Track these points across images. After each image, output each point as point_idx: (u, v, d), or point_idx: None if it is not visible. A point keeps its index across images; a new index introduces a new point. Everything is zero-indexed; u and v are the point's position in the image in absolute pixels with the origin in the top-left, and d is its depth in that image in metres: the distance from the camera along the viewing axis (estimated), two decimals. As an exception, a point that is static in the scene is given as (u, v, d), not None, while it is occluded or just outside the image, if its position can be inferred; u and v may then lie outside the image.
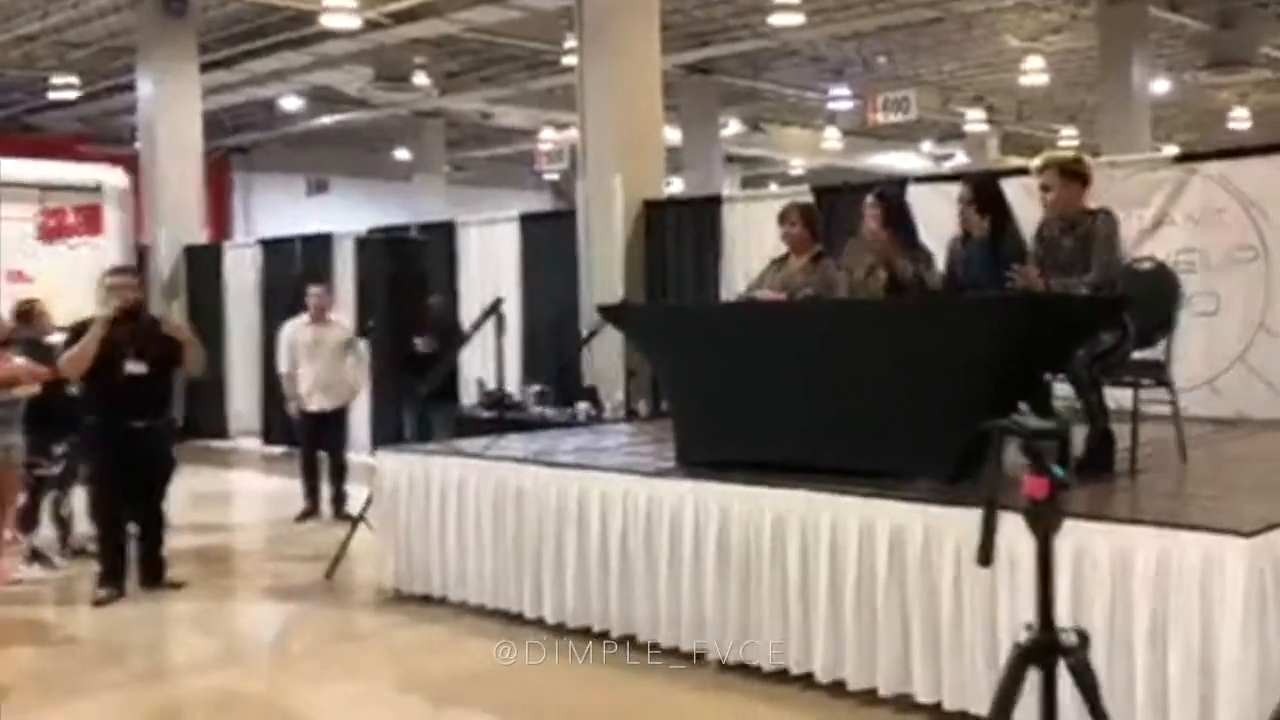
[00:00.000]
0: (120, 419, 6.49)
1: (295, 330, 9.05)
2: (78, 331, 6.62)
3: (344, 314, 9.90)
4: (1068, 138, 21.42)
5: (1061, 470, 2.63)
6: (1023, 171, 6.37)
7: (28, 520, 7.42)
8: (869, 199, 5.64)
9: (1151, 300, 5.17)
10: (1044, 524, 2.64)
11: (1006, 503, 2.73)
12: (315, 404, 8.91)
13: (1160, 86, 16.91)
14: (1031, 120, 21.35)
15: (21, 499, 7.30)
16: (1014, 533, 2.81)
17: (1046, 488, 2.60)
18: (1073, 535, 3.97)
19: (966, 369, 4.57)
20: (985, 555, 2.70)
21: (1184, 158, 7.95)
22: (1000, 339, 4.56)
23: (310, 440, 9.02)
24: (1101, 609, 3.94)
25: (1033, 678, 2.68)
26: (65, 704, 4.90)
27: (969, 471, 4.62)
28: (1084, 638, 2.67)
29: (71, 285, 10.92)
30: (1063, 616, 3.88)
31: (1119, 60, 15.71)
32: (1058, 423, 4.74)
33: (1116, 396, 5.10)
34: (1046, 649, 2.64)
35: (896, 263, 5.34)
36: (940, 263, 5.49)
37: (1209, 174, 7.46)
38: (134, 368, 6.49)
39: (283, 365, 9.07)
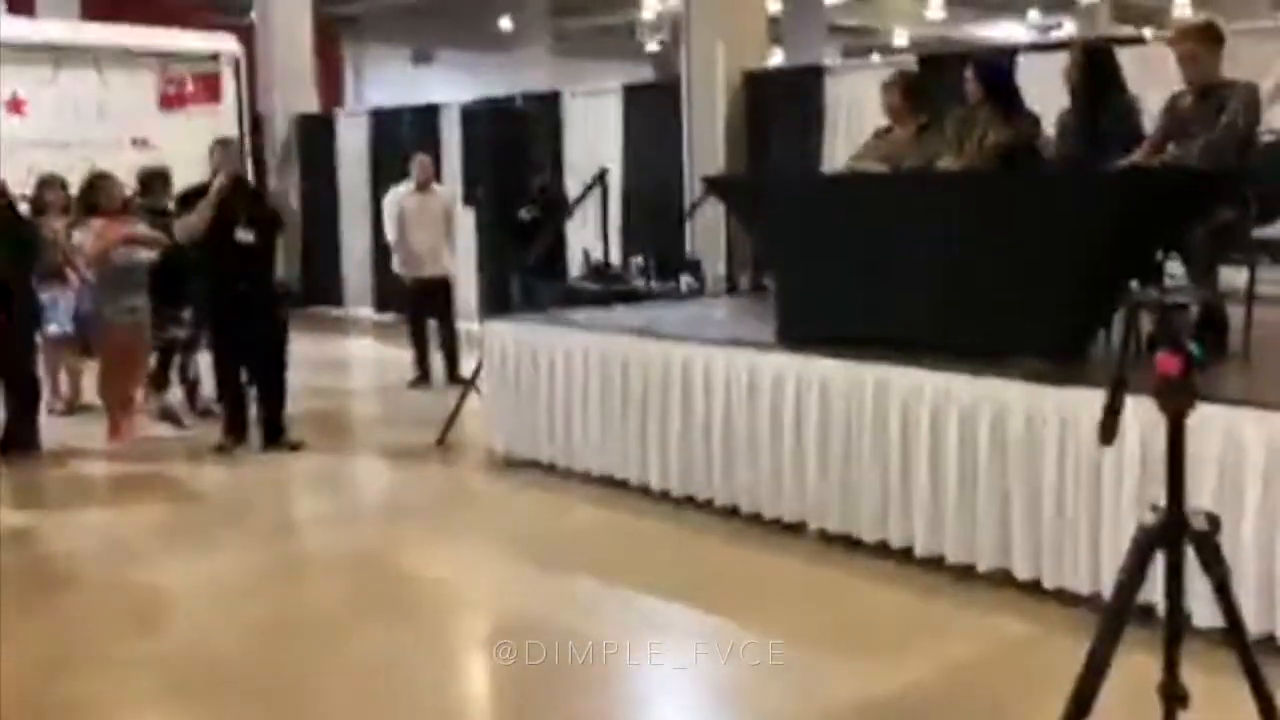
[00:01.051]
0: (231, 283, 6.77)
1: (400, 198, 9.16)
2: (185, 200, 6.90)
3: (451, 183, 10.00)
4: (1181, 6, 20.26)
5: (1199, 347, 2.53)
6: (1137, 40, 6.10)
7: (158, 381, 7.80)
8: (968, 68, 5.50)
9: (1273, 174, 4.95)
10: (1176, 403, 2.49)
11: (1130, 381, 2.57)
12: (422, 271, 9.06)
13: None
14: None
15: (151, 361, 7.67)
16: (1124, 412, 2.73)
17: (1180, 365, 2.46)
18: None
19: (1074, 244, 4.47)
20: (1108, 433, 2.54)
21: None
22: (1109, 213, 4.43)
23: (418, 307, 9.21)
24: (1209, 493, 3.90)
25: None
26: (189, 558, 5.17)
27: (1077, 349, 4.58)
28: (1214, 522, 2.55)
29: (191, 153, 11.17)
30: (1162, 500, 3.92)
31: (1238, -80, 14.70)
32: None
33: (1232, 276, 4.95)
34: (1175, 532, 2.52)
35: (1001, 133, 5.22)
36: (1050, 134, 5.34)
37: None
38: (244, 235, 6.74)
39: (390, 233, 9.22)
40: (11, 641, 4.20)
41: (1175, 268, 4.98)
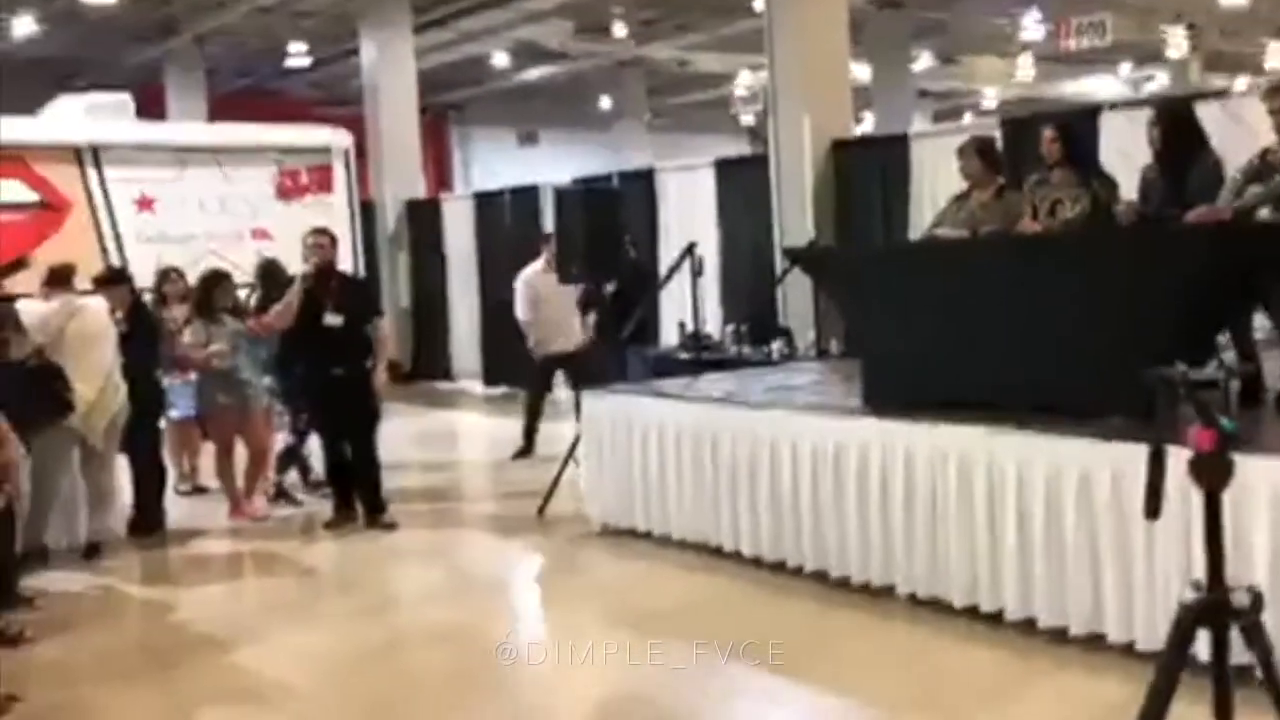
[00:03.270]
0: (322, 367, 7.04)
1: (533, 277, 9.29)
2: (282, 289, 7.28)
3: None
4: (1274, 54, 19.74)
5: (1230, 423, 2.49)
6: (1224, 93, 6.03)
7: (281, 461, 8.12)
8: (1046, 129, 5.51)
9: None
10: (1210, 478, 2.51)
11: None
12: (555, 347, 9.17)
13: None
14: (1236, 37, 19.73)
15: (282, 442, 8.00)
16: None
17: (1213, 440, 2.47)
18: (1268, 473, 3.87)
19: (1153, 301, 4.44)
20: (1152, 508, 2.58)
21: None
22: (1186, 270, 4.40)
23: (546, 382, 9.33)
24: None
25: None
26: (296, 633, 5.38)
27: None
28: (1258, 597, 2.54)
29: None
30: (1260, 560, 3.85)
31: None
32: (1247, 362, 4.57)
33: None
34: (1216, 610, 2.54)
35: (1076, 200, 5.21)
36: (1134, 191, 5.31)
37: None
38: (332, 320, 7.01)
39: (523, 313, 9.31)
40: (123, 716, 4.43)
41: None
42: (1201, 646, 2.64)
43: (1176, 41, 18.81)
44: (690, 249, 7.08)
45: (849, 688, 4.32)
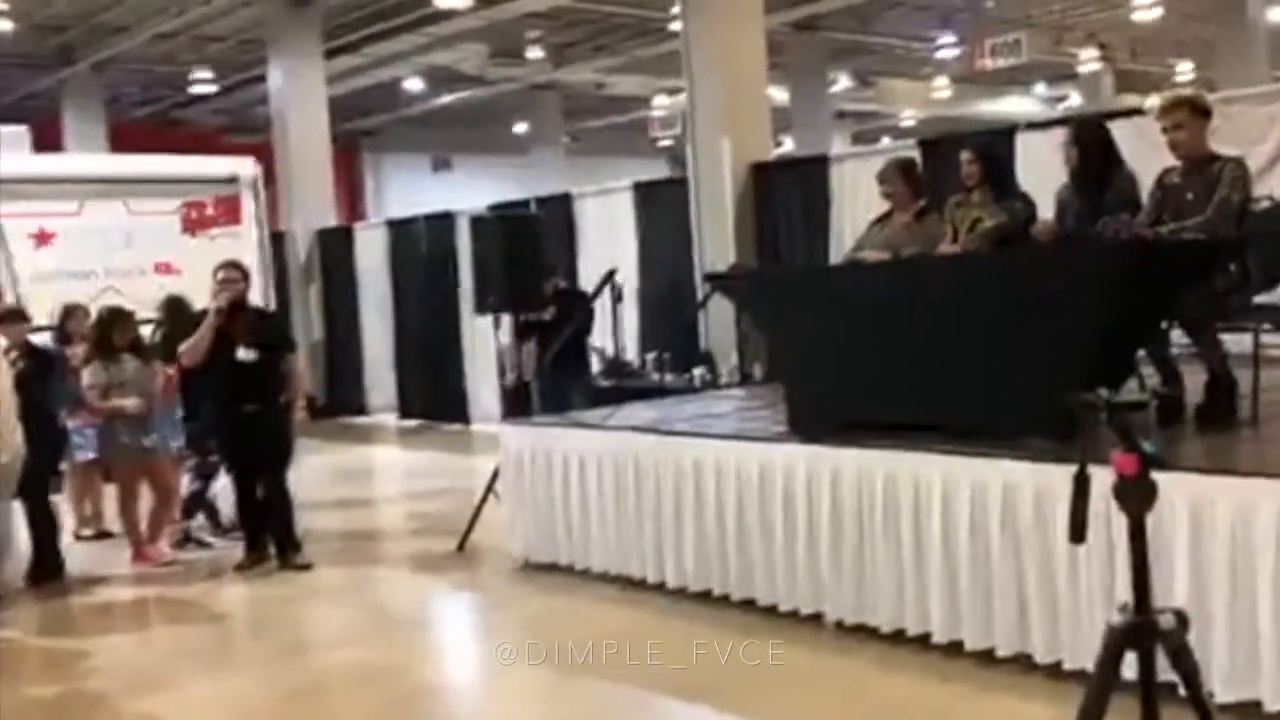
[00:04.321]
0: (233, 404, 6.84)
1: None
2: (194, 323, 7.04)
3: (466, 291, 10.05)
4: (1184, 73, 20.45)
5: (1152, 446, 2.50)
6: (1137, 112, 6.13)
7: (187, 507, 7.82)
8: (965, 152, 5.55)
9: (1273, 241, 4.94)
10: (1135, 502, 2.52)
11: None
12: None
13: (1278, 16, 16.06)
14: (1146, 57, 20.40)
15: (187, 485, 7.71)
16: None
17: (1136, 464, 2.48)
18: (1188, 490, 3.89)
19: (1072, 320, 4.46)
20: (1078, 533, 2.56)
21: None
22: (1105, 287, 4.43)
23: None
24: (1222, 567, 3.84)
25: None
26: (214, 678, 5.17)
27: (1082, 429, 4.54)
28: (1182, 620, 2.56)
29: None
30: (1181, 575, 3.87)
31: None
32: (1167, 383, 4.62)
33: (1240, 341, 4.92)
34: (1142, 632, 2.56)
35: (995, 217, 5.25)
36: (1050, 211, 5.36)
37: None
38: (245, 355, 6.82)
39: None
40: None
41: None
42: (1128, 665, 2.63)
43: (1089, 60, 19.35)
44: (610, 275, 7.00)
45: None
